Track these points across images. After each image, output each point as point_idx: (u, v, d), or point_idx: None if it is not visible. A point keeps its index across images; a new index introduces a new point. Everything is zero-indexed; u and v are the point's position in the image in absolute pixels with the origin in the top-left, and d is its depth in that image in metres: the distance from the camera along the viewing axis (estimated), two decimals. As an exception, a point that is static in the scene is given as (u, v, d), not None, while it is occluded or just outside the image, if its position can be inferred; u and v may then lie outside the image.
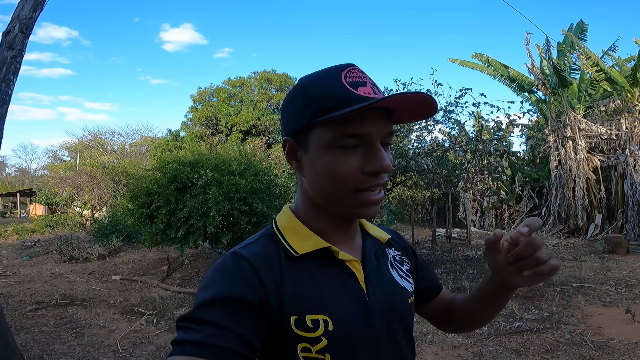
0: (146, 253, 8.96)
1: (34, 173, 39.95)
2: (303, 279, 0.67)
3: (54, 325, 4.49)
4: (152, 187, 6.44)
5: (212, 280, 0.63)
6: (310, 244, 0.69)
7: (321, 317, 0.64)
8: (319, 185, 0.67)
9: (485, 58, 12.82)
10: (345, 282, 0.69)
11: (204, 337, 0.56)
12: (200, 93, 23.04)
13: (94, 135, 26.61)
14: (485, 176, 7.60)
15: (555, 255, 8.43)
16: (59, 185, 16.47)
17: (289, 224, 0.72)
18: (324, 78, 0.65)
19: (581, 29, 11.62)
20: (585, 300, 5.09)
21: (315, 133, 0.65)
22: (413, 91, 0.63)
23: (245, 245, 0.69)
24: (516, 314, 4.62)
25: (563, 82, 11.36)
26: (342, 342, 0.65)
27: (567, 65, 11.63)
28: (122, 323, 4.60)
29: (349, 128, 0.62)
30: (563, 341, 3.81)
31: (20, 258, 9.46)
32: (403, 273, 0.80)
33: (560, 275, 6.45)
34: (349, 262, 0.70)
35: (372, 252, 0.76)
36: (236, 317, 0.59)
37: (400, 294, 0.76)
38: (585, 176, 11.68)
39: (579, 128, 11.62)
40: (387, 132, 0.66)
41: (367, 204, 0.66)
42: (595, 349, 3.59)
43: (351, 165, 0.63)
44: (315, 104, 0.64)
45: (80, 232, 12.78)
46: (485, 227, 14.98)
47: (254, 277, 0.63)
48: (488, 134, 10.01)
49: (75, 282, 6.73)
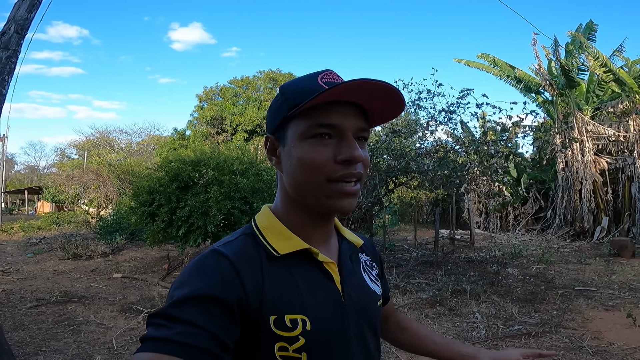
0: (149, 251, 9.01)
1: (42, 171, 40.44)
2: (283, 279, 0.67)
3: (51, 322, 4.52)
4: (154, 186, 6.48)
5: (190, 277, 0.63)
6: (291, 245, 0.70)
7: (299, 316, 0.65)
8: (295, 176, 0.68)
9: (491, 58, 12.73)
10: (323, 283, 0.71)
11: (176, 334, 0.55)
12: (206, 92, 23.13)
13: (102, 134, 26.87)
14: (488, 178, 7.52)
15: (560, 257, 8.36)
16: (66, 183, 16.66)
17: (269, 224, 0.72)
18: (301, 80, 0.70)
19: (590, 29, 11.49)
20: (587, 304, 5.01)
21: (291, 127, 0.68)
22: (371, 78, 0.64)
23: (225, 243, 0.69)
24: (515, 317, 4.57)
25: (571, 82, 11.25)
26: (319, 342, 0.66)
27: (575, 66, 11.51)
28: (119, 320, 4.63)
29: (320, 118, 0.66)
30: (561, 345, 3.75)
31: (25, 255, 9.57)
32: (373, 277, 0.83)
33: (563, 279, 6.38)
34: (327, 263, 0.72)
35: (348, 255, 0.79)
36: (211, 316, 0.58)
37: (371, 297, 0.79)
38: (592, 178, 11.54)
39: (587, 129, 11.48)
40: (360, 127, 0.68)
41: (341, 195, 0.67)
42: (593, 353, 3.53)
43: (324, 154, 0.66)
44: (290, 99, 0.68)
45: (86, 229, 12.88)
46: (490, 229, 14.86)
47: (234, 275, 0.63)
48: (493, 135, 9.93)
49: (77, 280, 6.79)
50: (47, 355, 3.59)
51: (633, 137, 11.09)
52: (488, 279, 6.14)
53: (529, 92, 12.92)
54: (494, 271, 6.82)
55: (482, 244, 10.50)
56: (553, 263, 7.67)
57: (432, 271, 6.89)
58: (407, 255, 8.47)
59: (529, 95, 12.94)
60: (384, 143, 6.99)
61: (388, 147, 6.96)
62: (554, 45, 11.62)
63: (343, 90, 0.64)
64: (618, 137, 11.33)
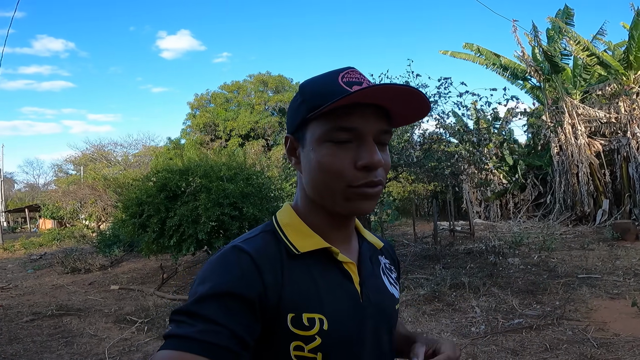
0: (147, 262, 9.00)
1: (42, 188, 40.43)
2: (302, 277, 0.67)
3: (46, 335, 4.55)
4: (141, 197, 6.47)
5: (211, 273, 0.62)
6: (312, 243, 0.69)
7: (317, 316, 0.65)
8: (313, 179, 0.68)
9: (475, 48, 12.71)
10: (342, 283, 0.70)
11: (197, 332, 0.55)
12: (197, 99, 23.11)
13: (97, 148, 26.82)
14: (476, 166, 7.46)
15: (563, 244, 8.26)
16: (62, 199, 16.65)
17: (290, 222, 0.72)
18: (321, 79, 0.69)
19: (567, 14, 11.52)
20: (591, 292, 4.84)
21: (311, 128, 0.67)
22: (397, 83, 0.63)
23: (245, 240, 0.69)
24: (516, 310, 4.39)
25: (555, 68, 11.25)
26: (335, 342, 0.65)
27: (557, 51, 11.54)
28: (113, 332, 4.63)
29: (340, 121, 0.64)
30: (564, 339, 3.59)
31: (25, 271, 9.62)
32: (392, 280, 0.82)
33: (566, 266, 6.23)
34: (346, 264, 0.71)
35: (368, 256, 0.78)
36: (232, 313, 0.58)
37: (389, 300, 0.78)
38: (587, 161, 11.48)
39: (577, 113, 11.46)
40: (382, 130, 0.67)
41: (360, 197, 0.66)
42: (598, 346, 3.37)
43: (343, 159, 0.65)
44: (309, 101, 0.66)
45: (85, 244, 12.89)
46: (490, 218, 14.79)
47: (255, 271, 0.63)
48: (485, 124, 9.87)
49: (75, 293, 6.80)
50: (39, 369, 3.55)
51: (625, 118, 11.04)
52: (487, 271, 6.04)
53: (516, 79, 12.93)
54: (492, 262, 6.72)
55: (483, 234, 10.42)
56: (555, 250, 7.55)
57: (431, 265, 6.81)
58: (406, 250, 8.41)
59: (516, 82, 12.92)
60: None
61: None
62: (533, 31, 11.62)
63: (366, 95, 0.62)
64: (610, 119, 11.29)
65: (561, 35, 11.31)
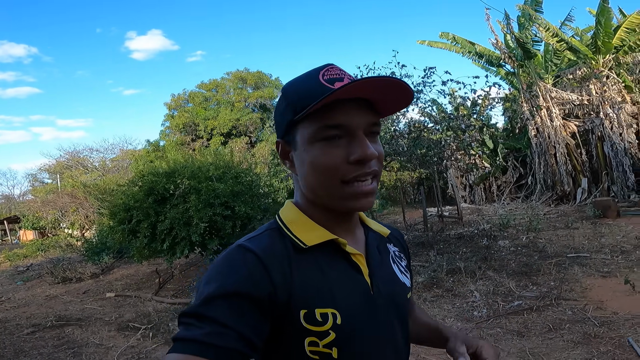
0: (139, 267, 8.89)
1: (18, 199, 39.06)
2: (312, 271, 0.66)
3: (51, 347, 4.48)
4: (129, 202, 6.32)
5: (217, 273, 0.62)
6: (318, 236, 0.69)
7: (330, 310, 0.64)
8: (308, 180, 0.68)
9: (451, 37, 12.91)
10: (352, 275, 0.70)
11: (205, 335, 0.55)
12: (175, 100, 22.72)
13: (72, 154, 26.01)
14: (462, 153, 7.65)
15: (548, 224, 8.52)
16: (42, 209, 16.20)
17: (295, 218, 0.72)
18: (302, 80, 0.68)
19: (536, 1, 11.81)
20: (583, 271, 4.93)
21: (300, 131, 0.67)
22: (379, 75, 0.66)
23: (250, 238, 0.68)
24: (514, 292, 4.49)
25: (528, 54, 11.61)
26: (349, 336, 0.65)
27: (529, 38, 11.88)
28: (118, 340, 4.58)
29: (326, 120, 0.64)
30: (565, 318, 3.67)
31: (14, 283, 9.38)
32: (402, 268, 0.81)
33: (554, 246, 6.32)
34: (354, 255, 0.71)
35: (375, 246, 0.77)
36: (240, 314, 0.58)
37: (400, 289, 0.77)
38: (564, 142, 11.86)
39: (551, 97, 11.84)
40: (370, 122, 0.67)
41: (357, 195, 0.66)
42: (600, 325, 3.44)
43: (335, 156, 0.65)
44: (293, 103, 0.67)
45: (72, 253, 12.60)
46: (476, 202, 15.12)
47: (262, 270, 0.62)
48: (465, 110, 10.09)
49: (70, 303, 6.68)
50: (50, 383, 3.50)
51: (597, 100, 11.46)
52: (480, 255, 6.13)
53: (491, 66, 13.24)
54: (485, 245, 6.86)
55: (471, 218, 10.62)
56: (542, 230, 7.68)
57: (424, 252, 6.91)
58: (398, 238, 8.52)
59: (490, 69, 13.22)
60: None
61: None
62: (505, 19, 11.93)
63: (348, 91, 0.62)
64: (582, 101, 11.71)
65: (531, 22, 11.60)
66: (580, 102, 11.70)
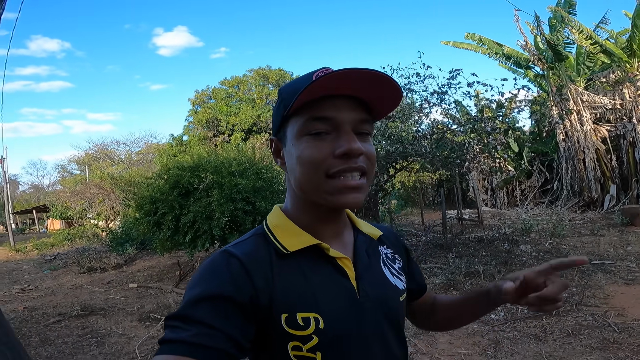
0: (160, 259, 9.10)
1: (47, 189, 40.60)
2: (294, 276, 0.67)
3: (76, 336, 4.61)
4: (155, 195, 6.49)
5: (201, 278, 0.64)
6: (300, 241, 0.69)
7: (312, 315, 0.65)
8: (296, 175, 0.68)
9: (477, 37, 12.69)
10: (336, 279, 0.69)
11: (192, 336, 0.56)
12: (198, 95, 23.08)
13: (100, 147, 26.93)
14: (486, 156, 7.52)
15: (572, 230, 8.31)
16: (71, 199, 16.76)
17: (279, 223, 0.72)
18: (297, 80, 0.70)
19: (570, 3, 11.54)
20: (606, 278, 4.87)
21: (289, 126, 0.68)
22: (358, 67, 0.62)
23: (235, 244, 0.70)
24: None
25: (559, 56, 11.32)
26: (333, 341, 0.65)
27: (560, 40, 11.60)
28: (140, 330, 4.71)
29: (314, 112, 0.65)
30: (585, 324, 3.64)
31: (42, 272, 9.73)
32: (395, 271, 0.80)
33: (578, 253, 6.23)
34: (340, 259, 0.71)
35: (364, 249, 0.77)
36: (225, 316, 0.59)
37: (391, 292, 0.76)
38: (594, 147, 11.51)
39: (582, 100, 11.50)
40: (359, 119, 0.67)
41: (342, 190, 0.65)
42: (619, 331, 3.42)
43: (321, 150, 0.65)
44: (285, 99, 0.68)
45: (97, 243, 13.00)
46: (497, 206, 14.84)
47: (244, 275, 0.63)
48: (490, 112, 9.90)
49: (95, 292, 6.89)
50: (76, 369, 3.65)
51: (630, 104, 11.08)
52: (501, 259, 6.08)
53: (519, 68, 12.97)
54: (505, 250, 6.77)
55: (491, 222, 10.46)
56: (566, 237, 7.55)
57: (442, 254, 6.87)
58: (416, 239, 8.47)
59: (517, 71, 12.94)
60: (379, 129, 7.00)
61: (384, 133, 6.98)
62: (535, 21, 11.64)
63: (332, 83, 0.63)
64: (615, 105, 11.32)
65: (564, 24, 11.33)
66: (613, 106, 11.33)
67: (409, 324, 0.95)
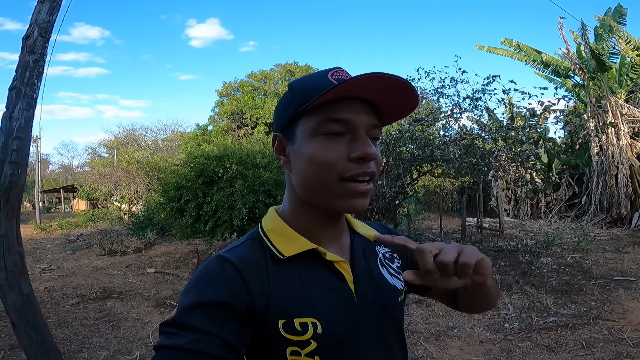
0: (178, 245, 9.25)
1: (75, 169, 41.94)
2: (290, 281, 0.66)
3: (93, 319, 4.69)
4: (180, 182, 6.60)
5: (196, 284, 0.63)
6: (297, 246, 0.68)
7: (310, 320, 0.64)
8: (305, 175, 0.66)
9: (515, 44, 12.35)
10: (334, 283, 0.69)
11: (188, 343, 0.56)
12: (225, 87, 23.34)
13: (129, 132, 27.62)
14: (517, 165, 7.30)
15: (597, 246, 8.04)
16: (98, 181, 17.24)
17: (275, 227, 0.71)
18: (310, 77, 0.69)
19: (620, 13, 11.08)
20: (627, 294, 4.79)
21: (301, 124, 0.66)
22: (385, 72, 0.61)
23: (230, 249, 0.69)
24: (551, 309, 4.44)
25: (602, 66, 10.87)
26: (332, 345, 0.65)
27: (606, 50, 11.13)
28: (154, 316, 4.78)
29: (331, 113, 0.64)
30: (600, 337, 3.63)
31: (64, 252, 9.97)
32: (393, 271, 0.79)
33: (600, 268, 6.14)
34: (337, 263, 0.70)
35: (361, 251, 0.75)
36: (220, 322, 0.58)
37: (390, 293, 0.75)
38: (628, 163, 11.06)
39: (621, 113, 11.04)
40: (372, 124, 0.66)
41: (354, 194, 0.65)
42: (634, 345, 3.41)
43: (336, 152, 0.64)
44: (299, 96, 0.66)
45: (119, 226, 13.32)
46: (519, 217, 14.47)
47: (239, 280, 0.63)
48: (521, 121, 9.62)
49: (114, 276, 7.04)
50: (91, 352, 3.74)
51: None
52: (520, 269, 6.00)
53: (558, 77, 12.56)
54: (526, 261, 6.64)
55: (512, 233, 10.24)
56: (589, 252, 7.38)
57: (460, 262, 6.77)
58: (434, 245, 8.35)
59: (555, 80, 12.53)
60: (407, 132, 6.90)
61: (411, 136, 6.87)
62: (582, 29, 11.21)
63: (355, 86, 0.62)
64: (654, 120, 10.83)
65: (611, 33, 10.92)
66: (653, 121, 10.85)
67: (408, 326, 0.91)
